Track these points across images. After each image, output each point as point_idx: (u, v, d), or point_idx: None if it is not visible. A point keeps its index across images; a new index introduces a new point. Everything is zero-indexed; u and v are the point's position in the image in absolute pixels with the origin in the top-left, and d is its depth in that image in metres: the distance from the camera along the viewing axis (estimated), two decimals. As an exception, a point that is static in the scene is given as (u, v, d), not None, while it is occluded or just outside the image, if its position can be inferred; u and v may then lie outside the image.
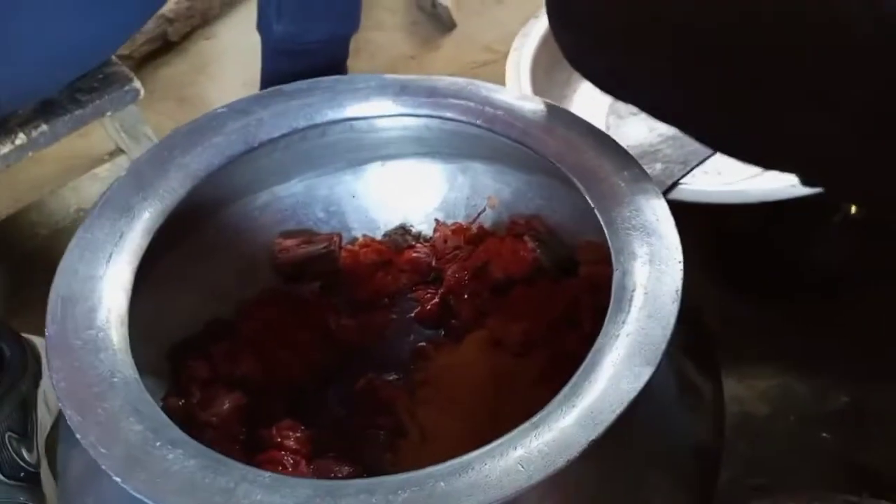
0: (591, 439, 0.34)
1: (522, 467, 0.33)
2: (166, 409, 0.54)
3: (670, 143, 0.77)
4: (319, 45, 0.71)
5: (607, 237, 0.45)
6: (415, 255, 0.65)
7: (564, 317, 0.58)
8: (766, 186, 0.69)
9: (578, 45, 0.52)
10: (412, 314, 0.63)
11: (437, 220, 0.66)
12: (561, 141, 0.53)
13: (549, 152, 0.52)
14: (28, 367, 0.61)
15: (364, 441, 0.54)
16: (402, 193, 0.66)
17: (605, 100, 0.91)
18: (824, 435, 0.60)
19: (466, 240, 0.65)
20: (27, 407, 0.60)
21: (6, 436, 0.57)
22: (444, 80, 0.57)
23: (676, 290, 0.41)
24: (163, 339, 0.57)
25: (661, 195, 0.47)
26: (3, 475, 0.55)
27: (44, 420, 0.62)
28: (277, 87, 0.55)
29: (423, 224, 0.67)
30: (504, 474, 0.33)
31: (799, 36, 0.40)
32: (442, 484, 0.33)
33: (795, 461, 0.59)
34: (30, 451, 0.58)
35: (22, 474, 0.57)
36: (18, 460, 0.57)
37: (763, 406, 0.63)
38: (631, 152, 0.51)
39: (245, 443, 0.53)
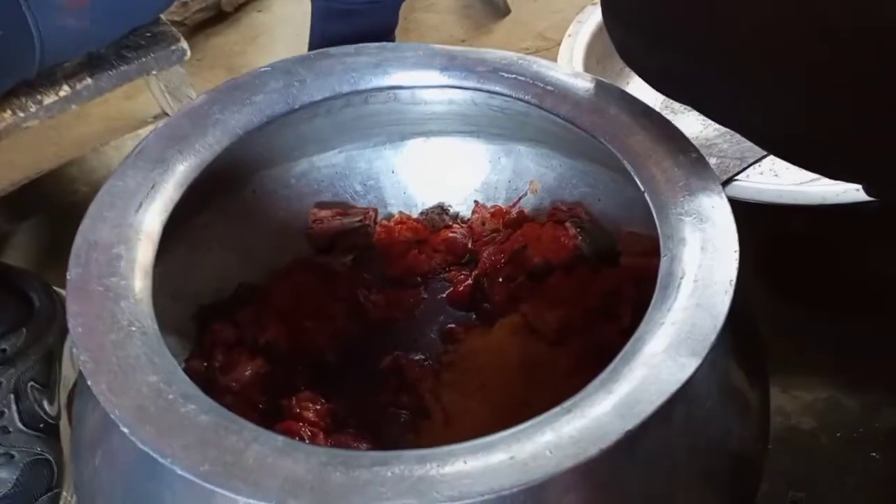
0: (626, 430, 0.31)
1: (551, 453, 0.31)
2: (188, 371, 0.53)
3: (727, 139, 0.74)
4: (368, 6, 0.69)
5: (656, 221, 0.43)
6: (451, 235, 0.63)
7: (603, 307, 0.55)
8: (825, 189, 0.65)
9: (632, 42, 0.50)
10: (444, 295, 0.61)
11: (476, 202, 0.64)
12: (613, 121, 0.50)
13: (600, 132, 0.49)
14: (57, 319, 0.60)
15: (386, 419, 0.52)
16: (443, 172, 0.64)
17: (658, 94, 0.87)
18: (873, 454, 0.56)
19: (505, 224, 0.63)
20: (52, 359, 0.59)
21: (29, 385, 0.57)
22: (495, 54, 0.54)
23: (730, 281, 0.38)
24: (190, 300, 0.56)
25: (718, 181, 0.44)
26: (23, 424, 0.55)
27: (68, 375, 0.62)
28: (323, 49, 0.54)
29: (461, 205, 0.65)
30: (530, 458, 0.31)
31: (878, 52, 0.38)
32: (463, 462, 0.31)
33: (839, 479, 0.56)
34: (51, 402, 0.58)
35: (41, 425, 0.56)
36: (39, 411, 0.57)
37: (809, 419, 0.60)
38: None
39: (264, 411, 0.52)
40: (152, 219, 0.42)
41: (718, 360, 0.40)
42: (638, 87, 0.87)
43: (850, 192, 0.63)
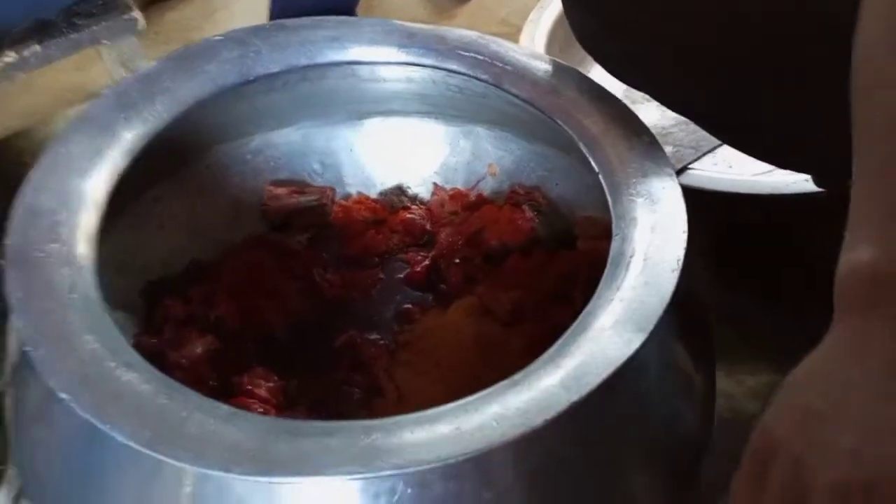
0: (572, 401, 0.32)
1: (497, 423, 0.31)
2: (137, 347, 0.52)
3: (682, 128, 0.75)
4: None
5: (609, 202, 0.43)
6: (409, 216, 0.63)
7: (557, 290, 0.56)
8: (776, 179, 0.67)
9: (591, 28, 0.51)
10: (401, 275, 0.61)
11: (435, 184, 0.64)
12: (570, 103, 0.50)
13: (556, 113, 0.50)
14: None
15: (339, 397, 0.52)
16: (402, 153, 0.64)
17: (618, 84, 0.88)
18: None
19: (464, 206, 0.63)
20: (-6, 333, 0.57)
21: (-32, 359, 0.55)
22: (454, 32, 0.54)
23: (678, 259, 0.38)
24: (139, 275, 0.55)
25: (671, 164, 0.45)
26: (-39, 398, 0.53)
27: (13, 350, 0.60)
28: (280, 21, 0.53)
29: (420, 187, 0.65)
30: (477, 429, 0.31)
31: (785, 32, 0.39)
32: (409, 433, 0.31)
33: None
34: (-8, 377, 0.56)
35: (-19, 400, 0.55)
36: (-22, 385, 0.55)
37: (752, 404, 0.61)
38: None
39: (215, 388, 0.51)
40: (97, 185, 0.41)
41: (665, 339, 0.41)
42: (600, 75, 0.88)
43: (800, 182, 0.65)
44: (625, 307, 0.37)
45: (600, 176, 0.45)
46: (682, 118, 0.78)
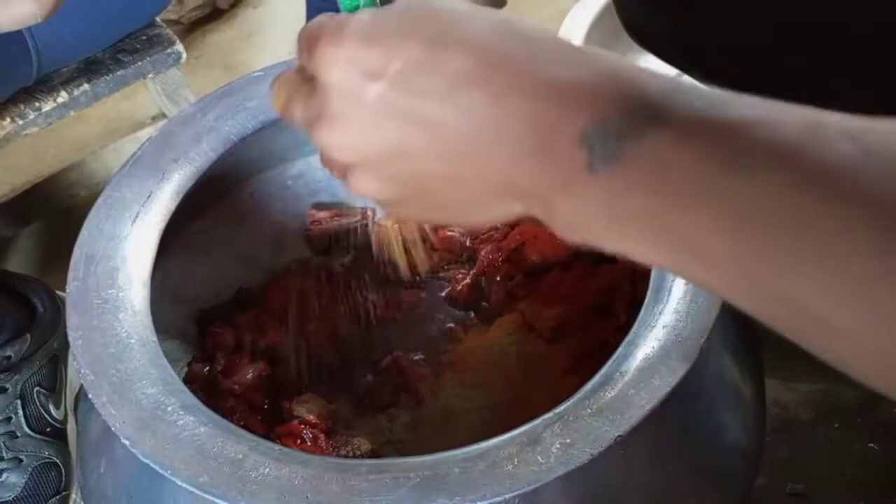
0: (617, 435, 0.32)
1: (542, 459, 0.31)
2: (190, 375, 0.54)
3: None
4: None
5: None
6: (449, 233, 0.63)
7: (600, 305, 0.55)
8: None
9: (634, 3, 0.49)
10: (443, 294, 0.61)
11: (474, 200, 0.64)
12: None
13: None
14: (60, 323, 0.61)
15: (385, 419, 0.53)
16: (440, 170, 0.64)
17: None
18: (871, 445, 0.57)
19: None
20: (57, 363, 0.60)
21: (35, 390, 0.57)
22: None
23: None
24: (191, 304, 0.57)
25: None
26: (30, 428, 0.56)
27: (73, 378, 0.63)
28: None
29: (459, 203, 0.65)
30: (522, 465, 0.31)
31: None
32: (456, 470, 0.31)
33: (838, 470, 0.56)
34: (57, 406, 0.59)
35: (48, 429, 0.57)
36: (45, 415, 0.57)
37: (806, 411, 0.60)
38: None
39: (267, 413, 0.53)
40: (149, 229, 0.42)
41: (712, 357, 0.41)
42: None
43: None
44: (668, 333, 0.37)
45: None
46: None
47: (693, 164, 0.20)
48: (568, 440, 0.32)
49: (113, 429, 0.33)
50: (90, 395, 0.34)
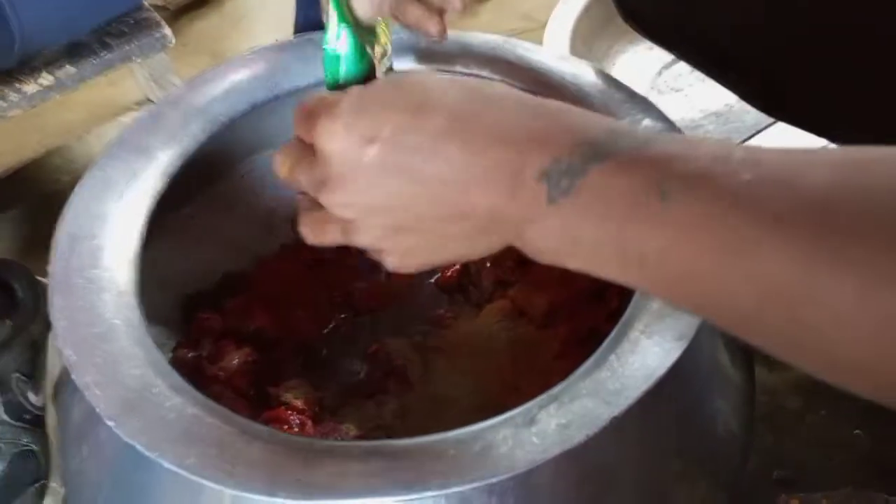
0: (612, 416, 0.31)
1: (537, 440, 0.31)
2: (175, 360, 0.53)
3: (712, 119, 0.74)
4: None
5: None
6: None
7: (591, 290, 0.55)
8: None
9: None
10: (432, 280, 0.61)
11: (464, 187, 0.64)
12: (598, 106, 0.50)
13: (586, 116, 0.49)
14: (40, 309, 0.60)
15: (373, 405, 0.52)
16: (430, 157, 0.64)
17: (644, 75, 0.87)
18: (857, 431, 0.57)
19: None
20: (37, 349, 0.59)
21: (13, 376, 0.56)
22: (479, 38, 0.54)
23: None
24: (177, 289, 0.56)
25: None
26: (8, 415, 0.55)
27: (53, 365, 0.61)
28: (306, 35, 0.53)
29: (449, 190, 0.65)
30: (517, 446, 0.31)
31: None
32: (451, 452, 0.31)
33: (825, 457, 0.56)
34: (36, 393, 0.58)
35: (27, 416, 0.56)
36: (24, 402, 0.56)
37: (794, 398, 0.60)
38: (675, 125, 0.48)
39: (253, 399, 0.52)
40: (136, 209, 0.41)
41: (704, 342, 0.41)
42: (623, 69, 0.87)
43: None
44: (662, 314, 0.36)
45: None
46: (713, 111, 0.77)
47: (627, 192, 0.25)
48: (563, 421, 0.32)
49: (97, 410, 0.32)
50: (74, 377, 0.34)
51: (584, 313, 0.54)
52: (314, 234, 0.33)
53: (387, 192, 0.29)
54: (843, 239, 0.21)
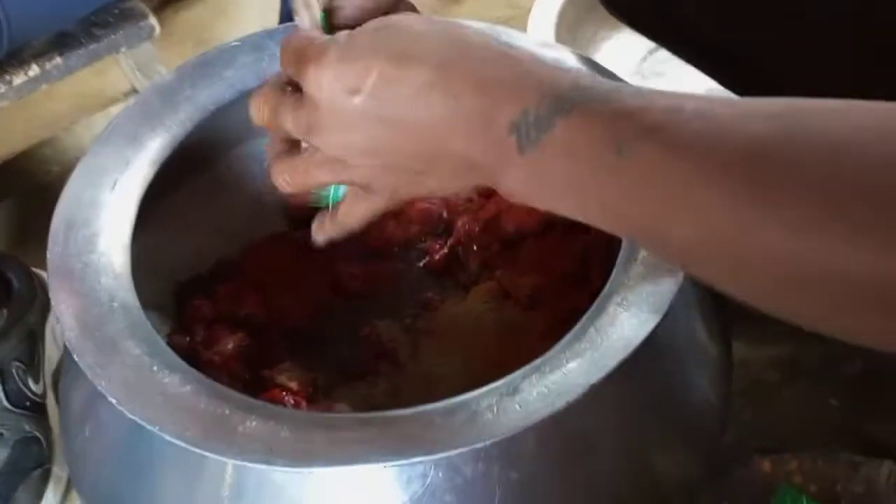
0: (591, 383, 0.33)
1: (520, 407, 0.33)
2: (171, 346, 0.53)
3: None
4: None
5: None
6: (426, 206, 0.64)
7: (574, 272, 0.57)
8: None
9: None
10: (420, 264, 0.62)
11: (450, 173, 0.65)
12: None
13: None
14: (36, 298, 0.61)
15: (365, 386, 0.54)
16: (416, 144, 0.65)
17: (629, 61, 0.89)
18: (832, 402, 0.59)
19: (479, 193, 0.64)
20: (34, 338, 0.60)
21: (13, 365, 0.57)
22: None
23: (689, 241, 0.39)
24: (169, 276, 0.57)
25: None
26: (9, 403, 0.56)
27: (51, 354, 0.62)
28: (293, 23, 0.54)
29: (435, 175, 0.66)
30: (501, 413, 0.33)
31: None
32: (438, 420, 0.33)
33: (803, 427, 0.58)
34: (36, 381, 0.59)
35: (27, 403, 0.57)
36: (24, 389, 0.57)
37: (772, 371, 0.62)
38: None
39: (248, 383, 0.53)
40: (128, 196, 0.43)
41: (680, 315, 0.42)
42: (608, 55, 0.88)
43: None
44: (639, 289, 0.38)
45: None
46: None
47: (587, 145, 0.28)
48: (545, 390, 0.33)
49: (99, 388, 0.34)
50: (76, 357, 0.35)
51: (568, 295, 0.56)
52: (298, 178, 0.36)
53: (373, 136, 0.31)
54: (773, 185, 0.24)
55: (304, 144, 0.37)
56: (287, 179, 0.37)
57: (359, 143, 0.32)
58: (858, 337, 0.26)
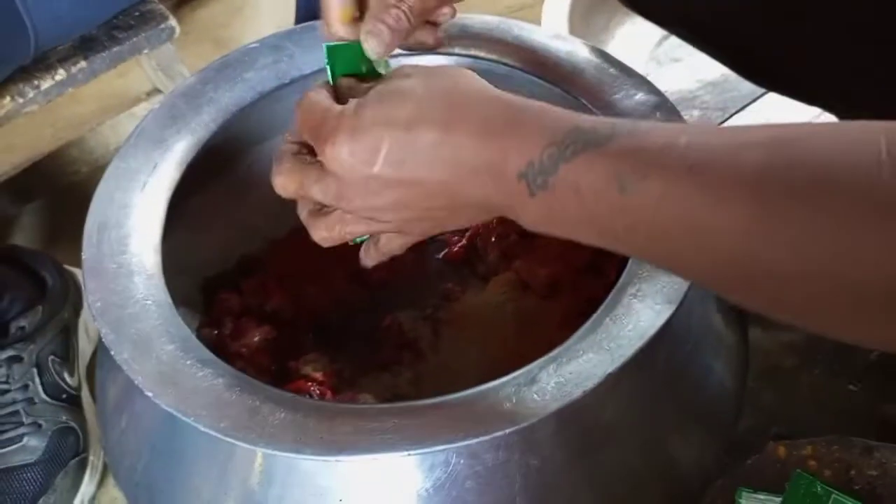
0: (607, 372, 0.34)
1: (538, 397, 0.34)
2: (200, 339, 0.55)
3: (709, 90, 0.75)
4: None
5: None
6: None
7: (591, 263, 0.57)
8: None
9: None
10: (440, 256, 0.63)
11: (467, 165, 0.66)
12: (595, 83, 0.52)
13: (582, 94, 0.51)
14: (69, 295, 0.63)
15: (388, 376, 0.55)
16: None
17: (643, 46, 0.88)
18: (851, 387, 0.60)
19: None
20: (68, 333, 0.62)
21: (49, 359, 0.59)
22: (476, 19, 0.56)
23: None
24: (196, 273, 0.59)
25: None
26: (48, 395, 0.58)
27: (84, 349, 0.65)
28: (310, 22, 0.55)
29: (453, 168, 0.67)
30: (520, 403, 0.34)
31: None
32: (459, 410, 0.34)
33: (819, 413, 0.59)
34: (71, 374, 0.61)
35: (64, 395, 0.59)
36: (61, 382, 0.60)
37: (789, 357, 0.63)
38: (670, 99, 0.50)
39: (275, 374, 0.55)
40: (157, 198, 0.44)
41: (695, 304, 0.43)
42: (622, 42, 0.88)
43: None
44: (654, 280, 0.39)
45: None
46: (710, 80, 0.78)
47: (591, 186, 0.29)
48: (562, 379, 0.34)
49: (136, 382, 0.35)
50: (112, 353, 0.36)
51: (584, 285, 0.57)
52: (335, 234, 0.38)
53: (396, 197, 0.34)
54: (774, 208, 0.25)
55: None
56: (324, 236, 0.39)
57: (385, 204, 0.34)
58: (882, 344, 0.27)
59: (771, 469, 0.40)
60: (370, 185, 0.34)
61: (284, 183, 0.38)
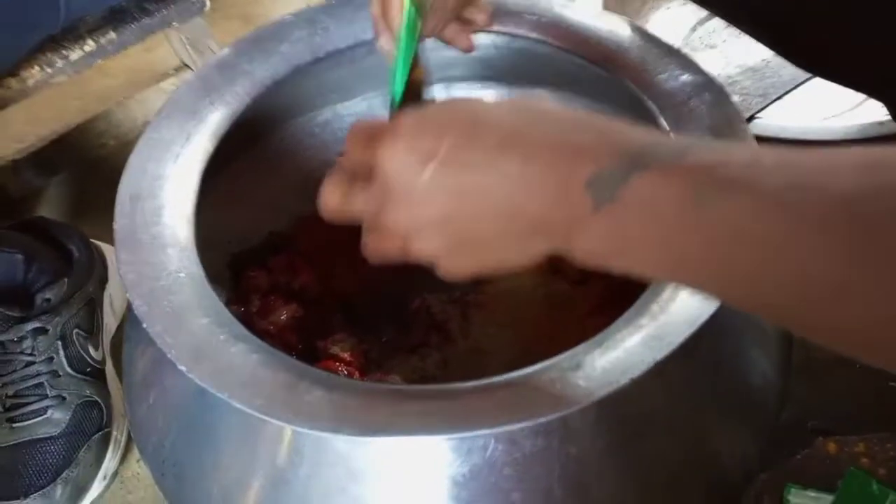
0: (656, 360, 0.33)
1: (583, 383, 0.33)
2: (228, 316, 0.55)
3: (749, 76, 0.73)
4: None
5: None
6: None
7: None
8: (847, 123, 0.66)
9: None
10: (470, 238, 0.62)
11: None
12: (636, 62, 0.50)
13: (623, 73, 0.50)
14: (95, 268, 0.63)
15: (416, 358, 0.54)
16: (465, 117, 0.64)
17: (678, 32, 0.86)
18: (892, 383, 0.58)
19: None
20: (93, 306, 0.62)
21: (74, 332, 0.59)
22: (515, -4, 0.54)
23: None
24: (224, 249, 0.58)
25: (741, 115, 0.44)
26: (72, 369, 0.58)
27: (109, 323, 0.64)
28: (344, -4, 0.54)
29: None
30: (563, 389, 0.33)
31: None
32: (501, 394, 0.33)
33: (859, 407, 0.57)
34: (95, 348, 0.61)
35: (88, 369, 0.59)
36: (85, 356, 0.59)
37: (827, 351, 0.61)
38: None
39: (301, 352, 0.54)
40: (190, 169, 0.43)
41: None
42: (656, 26, 0.86)
43: (873, 125, 0.63)
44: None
45: (671, 135, 0.45)
46: (749, 66, 0.76)
47: (665, 199, 0.27)
48: (607, 365, 0.33)
49: (169, 356, 0.34)
50: (145, 325, 0.36)
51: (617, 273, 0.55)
52: (377, 252, 0.36)
53: (441, 209, 0.31)
54: (873, 243, 0.23)
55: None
56: (372, 253, 0.36)
57: (429, 218, 0.31)
58: None
59: (820, 465, 0.39)
60: (418, 189, 0.31)
61: (330, 192, 0.35)
